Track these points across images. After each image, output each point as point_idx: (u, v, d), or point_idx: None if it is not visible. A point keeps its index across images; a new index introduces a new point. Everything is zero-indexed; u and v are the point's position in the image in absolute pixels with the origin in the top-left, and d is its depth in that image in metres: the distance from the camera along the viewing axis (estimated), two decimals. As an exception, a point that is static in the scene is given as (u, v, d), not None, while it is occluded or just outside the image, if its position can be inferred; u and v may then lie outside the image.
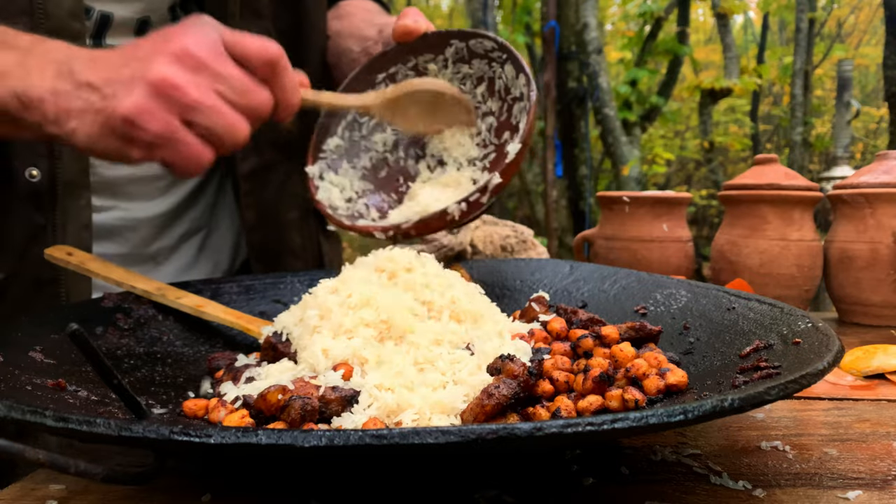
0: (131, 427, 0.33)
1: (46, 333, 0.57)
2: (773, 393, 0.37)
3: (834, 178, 2.47)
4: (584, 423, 0.32)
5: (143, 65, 0.54)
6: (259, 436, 0.32)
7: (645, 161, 5.97)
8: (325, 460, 0.45)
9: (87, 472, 0.34)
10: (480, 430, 0.32)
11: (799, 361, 0.46)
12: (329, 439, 0.32)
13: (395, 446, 0.32)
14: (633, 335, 0.60)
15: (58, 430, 0.35)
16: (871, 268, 1.01)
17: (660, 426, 0.34)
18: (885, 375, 0.71)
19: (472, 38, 0.78)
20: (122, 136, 0.54)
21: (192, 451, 0.35)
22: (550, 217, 4.12)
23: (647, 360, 0.54)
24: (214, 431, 0.32)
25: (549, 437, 0.32)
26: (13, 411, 0.36)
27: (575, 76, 4.58)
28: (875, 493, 0.43)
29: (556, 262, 0.86)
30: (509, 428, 0.32)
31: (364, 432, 0.32)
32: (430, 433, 0.32)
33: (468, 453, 0.44)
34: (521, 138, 0.70)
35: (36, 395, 0.46)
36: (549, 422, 0.32)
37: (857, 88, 9.05)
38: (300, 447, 0.32)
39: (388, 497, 0.43)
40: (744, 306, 0.61)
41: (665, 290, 0.72)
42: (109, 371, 0.39)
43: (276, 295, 0.82)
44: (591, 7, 4.45)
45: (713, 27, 7.99)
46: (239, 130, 0.57)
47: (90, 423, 0.34)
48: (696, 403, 0.34)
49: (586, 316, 0.64)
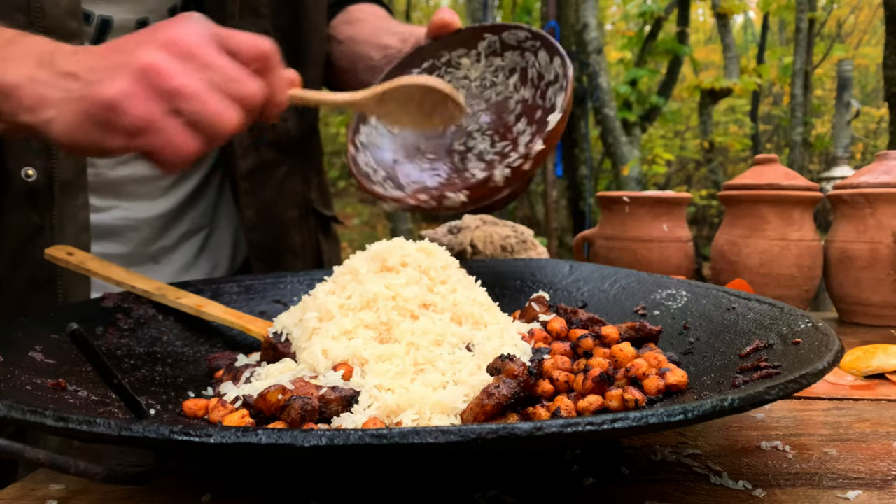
0: (131, 427, 0.33)
1: (46, 333, 0.57)
2: (773, 393, 0.37)
3: (834, 178, 2.47)
4: (584, 422, 0.32)
5: (128, 54, 0.52)
6: (259, 435, 0.32)
7: (645, 161, 5.97)
8: (326, 460, 0.45)
9: (87, 472, 0.34)
10: (480, 429, 0.32)
11: (799, 361, 0.46)
12: (329, 439, 0.32)
13: (395, 446, 0.31)
14: (634, 335, 0.60)
15: (58, 430, 0.35)
16: (871, 268, 1.01)
17: (660, 426, 0.34)
18: (885, 375, 0.71)
19: (504, 30, 0.80)
20: (102, 123, 0.52)
21: (193, 451, 0.35)
22: (550, 217, 4.12)
23: (647, 360, 0.54)
24: (214, 431, 0.32)
25: (549, 437, 0.32)
26: (13, 411, 0.36)
27: (575, 76, 4.58)
28: (875, 493, 0.43)
29: (556, 262, 0.86)
30: (509, 428, 0.32)
31: (364, 432, 0.32)
32: (430, 433, 0.32)
33: (468, 453, 0.44)
34: (560, 108, 0.71)
35: (36, 395, 0.46)
36: (548, 421, 0.32)
37: (857, 88, 9.06)
38: (300, 447, 0.32)
39: (388, 497, 0.43)
40: (744, 306, 0.61)
41: (665, 290, 0.72)
42: (109, 371, 0.39)
43: (277, 295, 0.82)
44: (591, 7, 4.45)
45: (713, 27, 7.99)
46: (226, 119, 0.54)
47: (90, 422, 0.34)
48: (695, 403, 0.34)
49: (586, 316, 0.64)
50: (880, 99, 6.64)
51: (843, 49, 7.23)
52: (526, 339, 0.60)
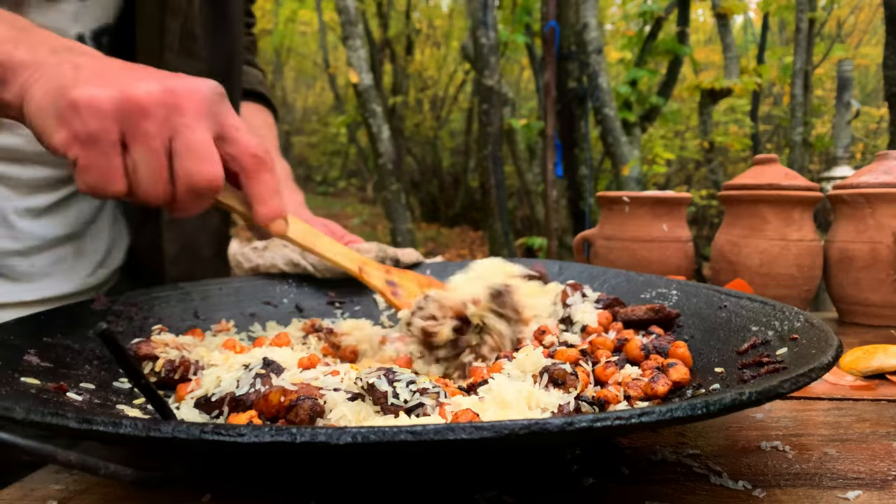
0: (160, 428, 0.33)
1: (38, 337, 0.56)
2: (786, 386, 0.38)
3: (834, 178, 2.46)
4: (612, 416, 0.33)
5: (130, 78, 0.51)
6: (294, 434, 0.31)
7: (645, 161, 5.97)
8: (356, 459, 0.46)
9: (117, 473, 0.34)
10: (513, 425, 0.32)
11: (801, 356, 0.46)
12: (364, 436, 0.31)
13: (429, 443, 0.31)
14: (654, 316, 0.62)
15: (81, 433, 0.34)
16: (871, 268, 1.01)
17: (685, 419, 0.34)
18: (885, 375, 0.71)
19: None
20: (60, 115, 0.50)
21: (223, 451, 0.34)
22: (550, 217, 4.11)
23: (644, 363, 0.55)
24: (247, 430, 0.32)
25: (580, 432, 0.32)
26: (32, 414, 0.35)
27: (575, 76, 4.57)
28: (875, 493, 0.43)
29: (546, 263, 0.86)
30: (541, 423, 0.32)
31: (399, 428, 0.31)
32: (464, 429, 0.31)
33: (501, 449, 0.44)
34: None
35: (42, 398, 0.45)
36: (580, 416, 0.32)
37: (857, 88, 9.05)
38: (335, 444, 0.31)
39: (388, 497, 0.43)
40: (735, 304, 0.62)
41: (655, 290, 0.72)
42: (137, 371, 0.38)
43: (266, 296, 0.82)
44: (591, 7, 4.45)
45: (713, 27, 7.98)
46: (160, 193, 0.52)
47: (116, 423, 0.33)
48: (716, 397, 0.35)
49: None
50: (880, 99, 6.64)
51: (843, 49, 7.22)
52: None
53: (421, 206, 9.57)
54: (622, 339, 0.59)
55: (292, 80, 12.54)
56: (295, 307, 0.83)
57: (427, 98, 9.66)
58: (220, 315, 0.76)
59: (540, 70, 5.05)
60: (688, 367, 0.54)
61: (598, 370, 0.55)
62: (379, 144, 5.04)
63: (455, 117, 9.94)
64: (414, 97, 9.39)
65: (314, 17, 9.08)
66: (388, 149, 5.07)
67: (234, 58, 0.93)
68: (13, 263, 0.77)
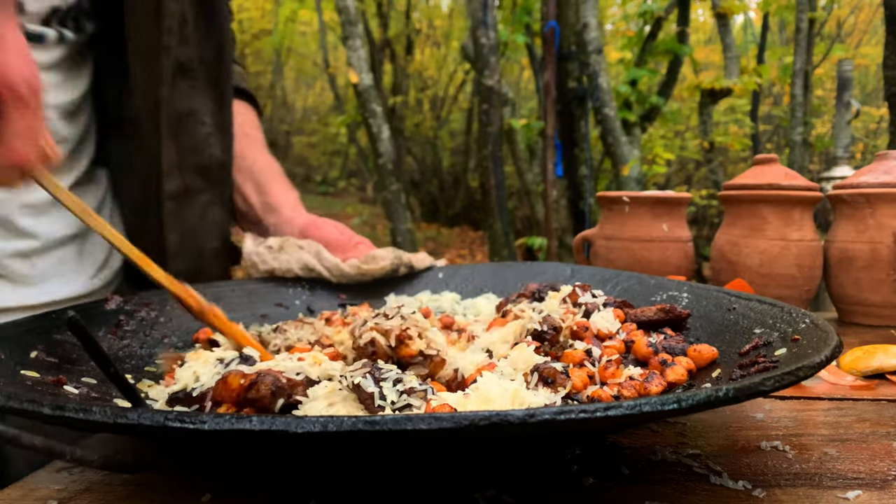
0: (127, 414, 0.33)
1: (48, 333, 0.57)
2: (768, 384, 0.37)
3: (834, 178, 2.46)
4: (576, 410, 0.32)
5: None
6: (252, 422, 0.32)
7: (645, 161, 5.96)
8: (320, 448, 0.45)
9: (83, 458, 0.34)
10: (473, 416, 0.31)
11: (797, 357, 0.46)
12: (322, 425, 0.31)
13: (387, 433, 0.31)
14: (664, 317, 0.62)
15: (54, 419, 0.35)
16: (871, 268, 1.01)
17: (653, 415, 0.33)
18: (885, 375, 0.71)
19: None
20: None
21: (187, 439, 0.35)
22: (550, 217, 4.11)
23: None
24: (209, 418, 0.32)
25: (541, 424, 0.32)
26: (11, 401, 0.36)
27: (575, 76, 4.57)
28: (875, 493, 0.43)
29: (557, 266, 0.86)
30: (502, 415, 0.32)
31: (357, 419, 0.32)
32: (423, 419, 0.31)
33: (459, 441, 0.44)
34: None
35: (35, 389, 0.46)
36: (541, 409, 0.32)
37: (857, 88, 9.05)
38: (293, 433, 0.31)
39: (388, 497, 0.43)
40: (744, 306, 0.61)
41: (667, 292, 0.72)
42: (106, 359, 0.38)
43: (278, 298, 0.82)
44: (591, 7, 4.44)
45: (713, 27, 7.98)
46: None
47: (86, 410, 0.34)
48: (689, 393, 0.34)
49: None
50: (880, 99, 6.64)
51: (843, 49, 7.22)
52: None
53: (421, 206, 9.58)
54: (628, 340, 0.59)
55: (292, 80, 12.52)
56: (307, 309, 0.83)
57: (427, 98, 9.66)
58: (232, 316, 0.75)
59: (540, 70, 5.05)
60: (691, 369, 0.54)
61: (599, 370, 0.55)
62: (379, 144, 5.04)
63: (455, 117, 9.94)
64: (414, 97, 9.39)
65: (314, 17, 9.08)
66: (388, 149, 5.07)
67: (223, 46, 0.92)
68: (14, 265, 0.77)
